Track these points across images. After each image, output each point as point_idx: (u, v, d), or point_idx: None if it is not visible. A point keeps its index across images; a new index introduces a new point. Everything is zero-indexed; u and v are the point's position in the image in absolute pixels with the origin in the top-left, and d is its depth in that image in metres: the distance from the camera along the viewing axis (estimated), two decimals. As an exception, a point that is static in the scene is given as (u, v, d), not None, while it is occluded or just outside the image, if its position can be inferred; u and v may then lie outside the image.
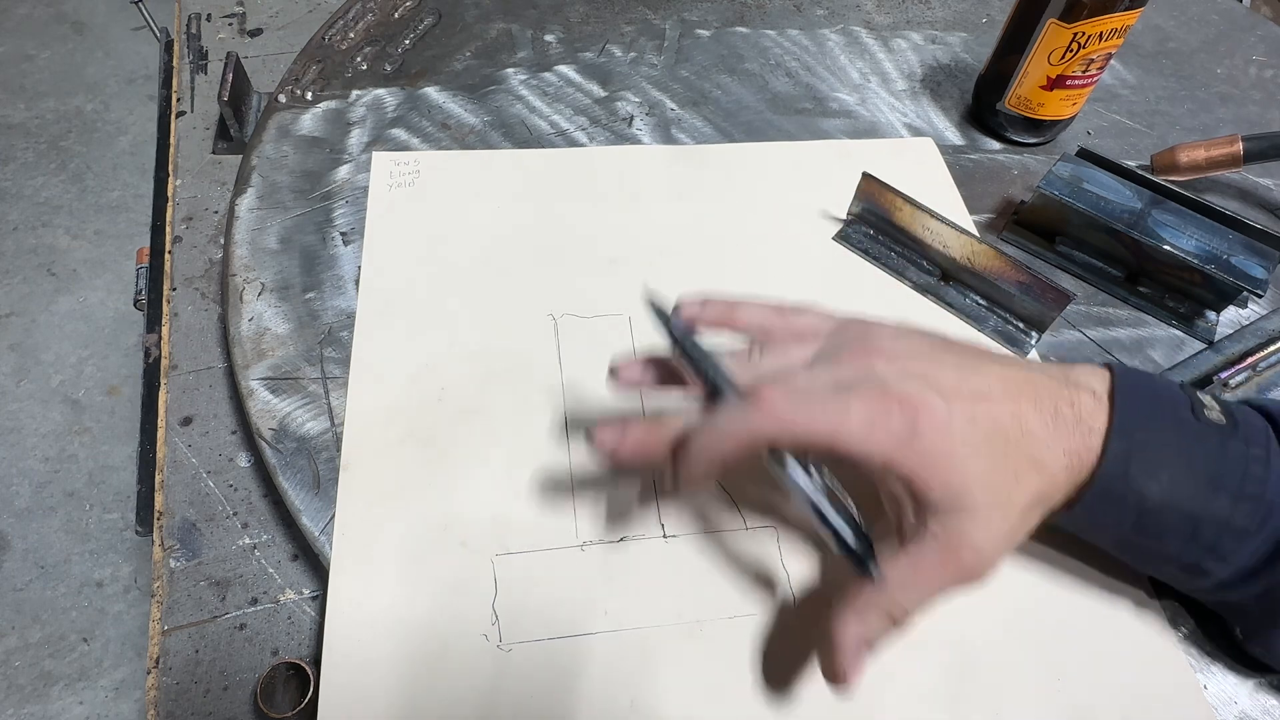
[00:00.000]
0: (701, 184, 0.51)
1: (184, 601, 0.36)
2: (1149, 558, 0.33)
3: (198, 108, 0.56)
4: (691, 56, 0.60)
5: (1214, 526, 0.30)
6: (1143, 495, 0.30)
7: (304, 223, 0.47)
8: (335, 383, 0.41)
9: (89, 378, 1.36)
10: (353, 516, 0.36)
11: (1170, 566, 0.32)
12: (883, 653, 0.34)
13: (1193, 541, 0.30)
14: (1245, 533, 0.30)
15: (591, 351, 0.42)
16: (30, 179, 1.61)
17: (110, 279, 1.48)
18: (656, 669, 0.33)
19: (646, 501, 0.37)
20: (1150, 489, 0.30)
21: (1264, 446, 0.30)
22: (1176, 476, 0.30)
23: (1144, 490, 0.30)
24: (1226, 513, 0.30)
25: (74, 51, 1.85)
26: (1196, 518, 0.30)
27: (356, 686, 0.32)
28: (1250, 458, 0.30)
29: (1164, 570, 0.33)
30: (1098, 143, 0.57)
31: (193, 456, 0.40)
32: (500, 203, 0.49)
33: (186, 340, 0.44)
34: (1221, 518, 0.30)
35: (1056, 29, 0.48)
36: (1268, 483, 0.29)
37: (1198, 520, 0.30)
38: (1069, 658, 0.34)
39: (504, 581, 0.35)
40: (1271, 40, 0.66)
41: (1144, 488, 0.30)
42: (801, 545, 0.37)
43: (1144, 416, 0.30)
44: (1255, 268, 0.43)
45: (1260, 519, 0.29)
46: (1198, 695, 0.34)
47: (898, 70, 0.60)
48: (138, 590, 1.17)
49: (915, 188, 0.46)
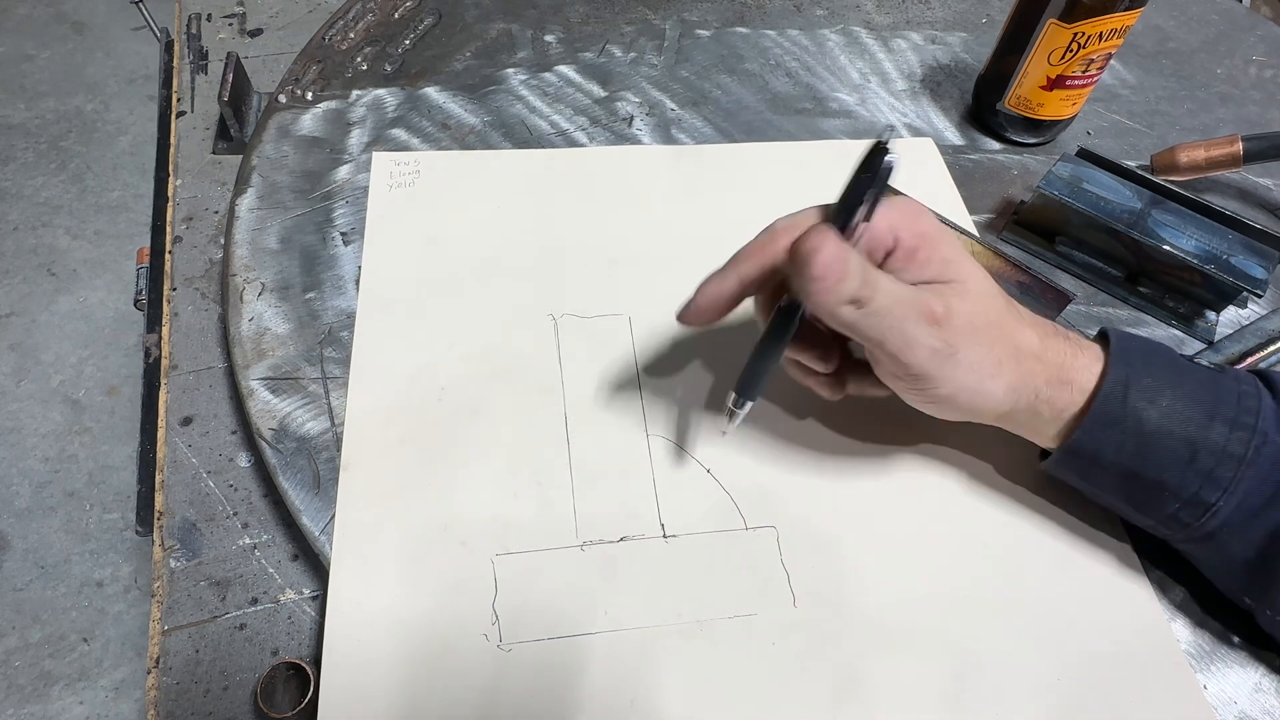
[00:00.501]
0: (701, 184, 0.51)
1: (184, 601, 0.36)
2: (1150, 497, 0.33)
3: (198, 108, 0.56)
4: (691, 56, 0.60)
5: (1211, 453, 0.31)
6: (1141, 419, 0.32)
7: (304, 223, 0.47)
8: (335, 383, 0.41)
9: (89, 378, 1.36)
10: (353, 516, 0.36)
11: (1173, 502, 0.32)
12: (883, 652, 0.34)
13: (1190, 468, 0.31)
14: (1241, 460, 0.31)
15: (591, 351, 0.42)
16: (30, 179, 1.61)
17: (110, 279, 1.48)
18: (656, 669, 0.33)
19: (646, 501, 0.37)
20: (1148, 413, 0.32)
21: (1254, 385, 0.33)
22: (1173, 404, 0.32)
23: (1142, 414, 0.32)
24: (1223, 439, 0.31)
25: (74, 51, 1.85)
26: (1194, 442, 0.31)
27: (356, 686, 0.32)
28: (1242, 393, 0.32)
29: (1166, 510, 0.33)
30: (1098, 143, 0.57)
31: (193, 456, 0.40)
32: (500, 203, 0.49)
33: (186, 340, 0.44)
34: (1218, 444, 0.31)
35: (1056, 29, 0.48)
36: (1259, 413, 0.31)
37: (1195, 445, 0.31)
38: (1069, 657, 0.34)
39: (504, 581, 0.35)
40: (1271, 40, 0.66)
41: (1142, 412, 0.32)
42: (802, 545, 0.37)
43: (1140, 353, 0.33)
44: (1255, 268, 0.43)
45: (1255, 447, 0.31)
46: (1198, 695, 0.34)
47: (898, 70, 0.60)
48: (138, 590, 1.17)
49: (915, 188, 0.46)
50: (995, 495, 0.38)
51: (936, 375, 0.32)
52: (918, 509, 0.38)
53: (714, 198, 0.50)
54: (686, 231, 0.48)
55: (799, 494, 0.38)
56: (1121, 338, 0.34)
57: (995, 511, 0.38)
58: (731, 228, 0.49)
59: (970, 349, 0.31)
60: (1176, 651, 0.35)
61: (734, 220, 0.49)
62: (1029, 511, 0.38)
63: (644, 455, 0.39)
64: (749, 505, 0.38)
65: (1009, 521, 0.38)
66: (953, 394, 0.32)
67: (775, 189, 0.51)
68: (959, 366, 0.31)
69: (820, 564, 0.36)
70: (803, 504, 0.38)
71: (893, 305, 0.30)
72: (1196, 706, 0.33)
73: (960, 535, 0.37)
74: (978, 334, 0.31)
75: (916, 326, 0.30)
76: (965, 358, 0.31)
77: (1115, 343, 0.33)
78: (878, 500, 0.38)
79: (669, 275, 0.46)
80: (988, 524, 0.38)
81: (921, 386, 0.32)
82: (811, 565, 0.36)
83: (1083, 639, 0.35)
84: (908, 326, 0.30)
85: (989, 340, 0.32)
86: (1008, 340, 0.32)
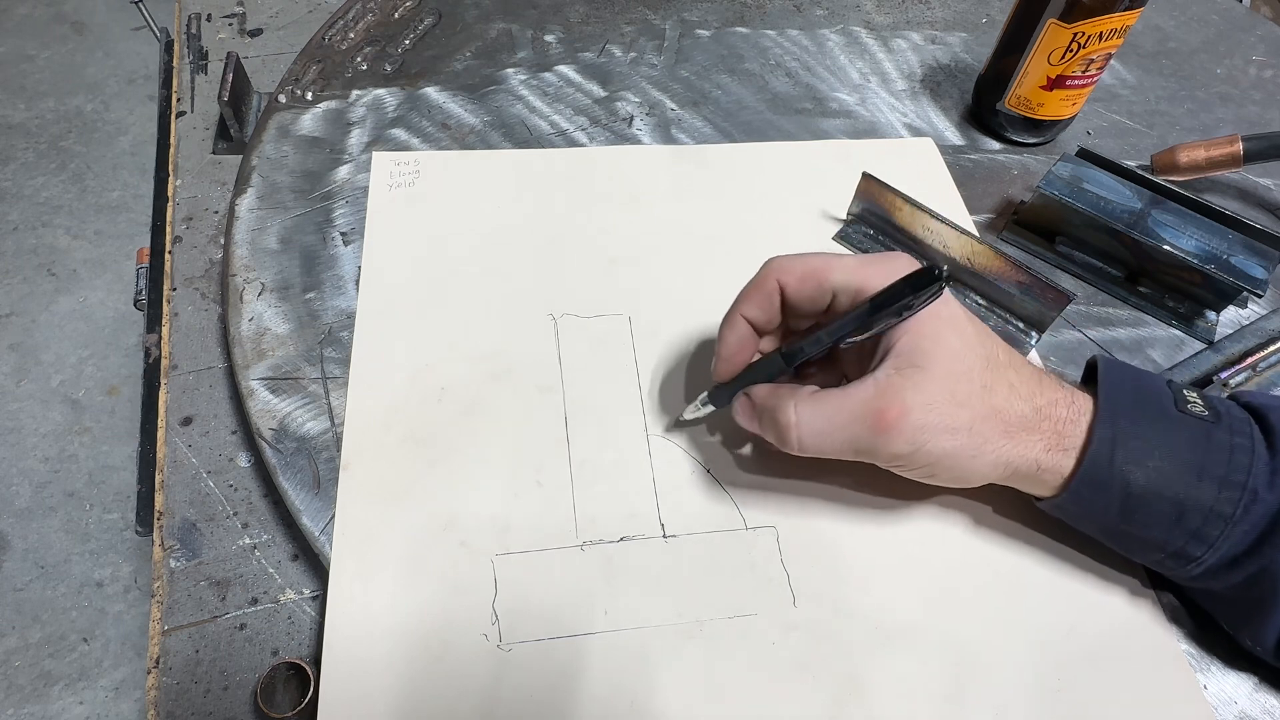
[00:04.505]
0: (701, 184, 0.51)
1: (184, 601, 0.36)
2: (1137, 545, 0.33)
3: (198, 108, 0.56)
4: (691, 56, 0.60)
5: (1199, 513, 0.31)
6: (1128, 481, 0.31)
7: (304, 223, 0.47)
8: (335, 383, 0.41)
9: (89, 378, 1.36)
10: (353, 516, 0.36)
11: (1158, 553, 0.32)
12: (883, 652, 0.34)
13: (1178, 527, 0.31)
14: (1229, 519, 0.30)
15: (591, 351, 0.42)
16: (30, 179, 1.61)
17: (110, 279, 1.48)
18: (656, 669, 0.33)
19: (646, 501, 0.37)
20: (1135, 475, 0.31)
21: (1248, 436, 0.31)
22: (1161, 464, 0.31)
23: (1129, 477, 0.31)
24: (1211, 499, 0.30)
25: (74, 51, 1.85)
26: (1182, 504, 0.31)
27: (356, 686, 0.32)
28: (1234, 446, 0.31)
29: (1152, 557, 0.33)
30: (1098, 143, 0.57)
31: (193, 456, 0.40)
32: (500, 203, 0.49)
33: (186, 340, 0.44)
34: (1206, 504, 0.30)
35: (1056, 29, 0.48)
36: (1251, 470, 0.30)
37: (1183, 507, 0.31)
38: (1069, 657, 0.34)
39: (504, 581, 0.35)
40: (1271, 40, 0.66)
41: (1129, 474, 0.31)
42: (802, 545, 0.37)
43: (1128, 407, 0.32)
44: (1255, 268, 0.43)
45: (1244, 505, 0.30)
46: (1198, 695, 0.34)
47: (898, 70, 0.60)
48: (138, 590, 1.17)
49: (915, 188, 0.46)
50: (996, 496, 0.38)
51: (909, 467, 0.32)
52: (918, 509, 0.38)
53: (714, 198, 0.50)
54: (686, 231, 0.48)
55: (799, 494, 0.38)
56: (1110, 386, 0.33)
57: (995, 512, 0.38)
58: (731, 227, 0.49)
59: (937, 440, 0.31)
60: (1176, 651, 0.35)
61: (734, 220, 0.49)
62: (1029, 512, 0.38)
63: (644, 455, 0.39)
64: (749, 505, 0.38)
65: (1009, 522, 0.38)
66: (935, 474, 0.33)
67: (775, 189, 0.51)
68: (930, 456, 0.31)
69: (820, 564, 0.36)
70: (803, 504, 0.38)
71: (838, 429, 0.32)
72: (1196, 706, 0.33)
73: (960, 535, 0.37)
74: (943, 423, 0.31)
75: (872, 437, 0.31)
76: (934, 449, 0.31)
77: (1103, 394, 0.32)
78: (878, 500, 0.38)
79: (669, 275, 0.46)
80: (988, 524, 0.38)
81: (901, 471, 0.33)
82: (811, 565, 0.36)
83: (1083, 639, 0.35)
84: (862, 440, 0.31)
85: (963, 424, 0.31)
86: (990, 419, 0.31)
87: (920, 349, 0.31)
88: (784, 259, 0.35)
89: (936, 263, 0.32)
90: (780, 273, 0.34)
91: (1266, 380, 0.43)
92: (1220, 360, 0.44)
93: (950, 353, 0.31)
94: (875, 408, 0.31)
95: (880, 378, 0.31)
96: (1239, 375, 0.43)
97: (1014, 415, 0.32)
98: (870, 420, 0.31)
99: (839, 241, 0.49)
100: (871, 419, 0.31)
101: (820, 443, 0.32)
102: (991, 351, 0.32)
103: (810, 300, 0.34)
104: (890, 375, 0.31)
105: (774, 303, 0.35)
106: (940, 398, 0.31)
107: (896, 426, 0.30)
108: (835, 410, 0.32)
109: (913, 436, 0.31)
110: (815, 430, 0.32)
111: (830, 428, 0.32)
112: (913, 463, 0.32)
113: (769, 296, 0.35)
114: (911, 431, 0.30)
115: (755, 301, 0.35)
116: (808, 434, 0.32)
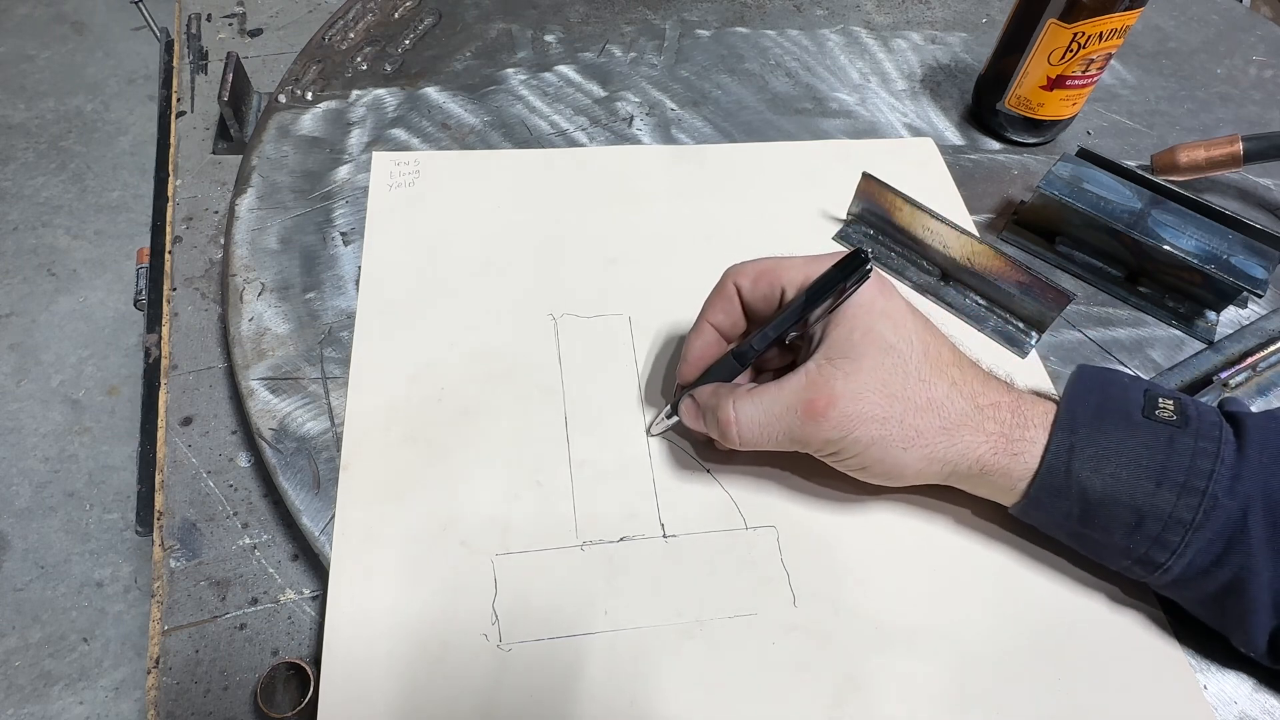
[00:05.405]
0: (701, 184, 0.51)
1: (184, 601, 0.36)
2: (1103, 551, 0.33)
3: (198, 108, 0.56)
4: (691, 56, 0.60)
5: (1157, 519, 0.31)
6: (1085, 488, 0.31)
7: (304, 223, 0.47)
8: (335, 383, 0.41)
9: (89, 378, 1.36)
10: (353, 516, 0.36)
11: (1124, 559, 0.33)
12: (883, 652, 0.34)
13: (1138, 533, 0.31)
14: (1189, 525, 0.30)
15: (591, 351, 0.42)
16: (30, 179, 1.61)
17: (110, 279, 1.48)
18: (656, 669, 0.33)
19: (646, 501, 0.37)
20: (1093, 482, 0.31)
21: (1214, 440, 0.31)
22: (1118, 471, 0.31)
23: (1086, 483, 0.31)
24: (1170, 505, 0.30)
25: (74, 51, 1.85)
26: (1140, 510, 0.31)
27: (356, 686, 0.32)
28: (1197, 451, 0.31)
29: (1120, 563, 0.33)
30: (1098, 143, 0.57)
31: (193, 456, 0.40)
32: (500, 202, 0.49)
33: (186, 340, 0.44)
34: (1165, 510, 0.31)
35: (1056, 29, 0.48)
36: (1213, 476, 0.30)
37: (1141, 513, 0.31)
38: (1069, 658, 0.34)
39: (504, 581, 0.35)
40: (1271, 40, 0.66)
41: (1086, 481, 0.31)
42: (802, 545, 0.37)
43: (1090, 414, 0.32)
44: (1255, 268, 0.43)
45: (1204, 512, 0.30)
46: (1198, 695, 0.34)
47: (898, 70, 0.60)
48: (138, 590, 1.17)
49: (915, 188, 0.46)
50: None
51: (841, 456, 0.33)
52: (918, 510, 0.38)
53: (714, 198, 0.50)
54: (686, 231, 0.48)
55: (799, 494, 0.38)
56: (1074, 393, 0.33)
57: (996, 513, 0.38)
58: (731, 227, 0.49)
59: (865, 428, 0.32)
60: (1176, 651, 0.35)
61: (733, 220, 0.49)
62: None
63: (644, 455, 0.39)
64: (749, 505, 0.38)
65: (1009, 522, 0.38)
66: (866, 465, 0.33)
67: (775, 189, 0.51)
68: (858, 444, 0.32)
69: (820, 564, 0.36)
70: (803, 504, 0.38)
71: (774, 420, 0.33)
72: (1196, 706, 0.33)
73: (960, 536, 0.37)
74: (871, 412, 0.32)
75: (803, 426, 0.32)
76: (862, 436, 0.32)
77: (1065, 402, 0.33)
78: (878, 500, 0.38)
79: (669, 275, 0.46)
80: (988, 525, 0.38)
81: (836, 462, 0.34)
82: (811, 565, 0.36)
83: (1083, 639, 0.35)
84: (795, 430, 0.32)
85: (894, 415, 0.32)
86: (925, 412, 0.32)
87: (851, 340, 0.32)
88: (741, 263, 0.36)
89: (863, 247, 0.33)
90: (736, 276, 0.36)
91: (1266, 380, 0.43)
92: (1220, 360, 0.44)
93: (882, 344, 0.32)
94: (805, 397, 0.32)
95: (811, 368, 0.32)
96: (1239, 375, 0.43)
97: (953, 411, 0.32)
98: (801, 409, 0.32)
99: (839, 241, 0.49)
100: (802, 408, 0.32)
101: (758, 435, 0.33)
102: (933, 347, 0.33)
103: (764, 300, 0.35)
104: (821, 365, 0.32)
105: (735, 306, 0.36)
106: (869, 387, 0.31)
107: (825, 414, 0.31)
108: (771, 403, 0.33)
109: (840, 424, 0.31)
110: (753, 423, 0.33)
111: (766, 419, 0.33)
112: (843, 451, 0.33)
113: (729, 300, 0.36)
114: (839, 419, 0.31)
115: (718, 307, 0.36)
116: (746, 428, 0.33)
